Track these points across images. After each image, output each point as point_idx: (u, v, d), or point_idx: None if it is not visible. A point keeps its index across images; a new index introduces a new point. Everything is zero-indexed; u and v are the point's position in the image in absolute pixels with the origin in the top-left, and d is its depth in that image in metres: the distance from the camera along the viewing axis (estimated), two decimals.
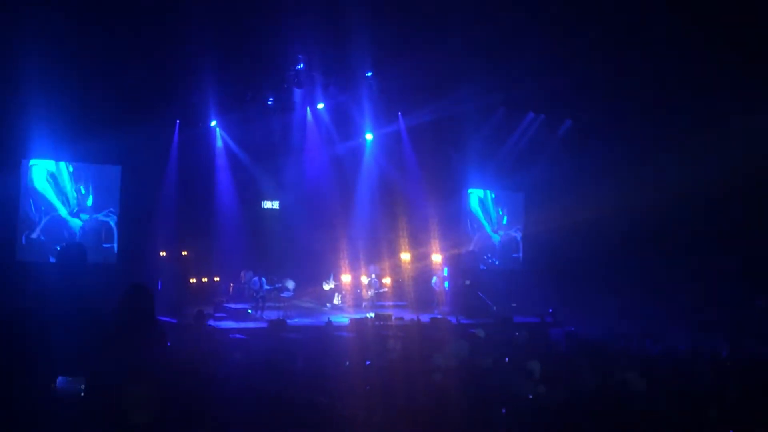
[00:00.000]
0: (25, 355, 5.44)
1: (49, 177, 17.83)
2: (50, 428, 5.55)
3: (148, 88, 17.15)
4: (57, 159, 17.79)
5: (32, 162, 17.62)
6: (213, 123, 19.79)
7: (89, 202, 18.18)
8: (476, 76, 18.76)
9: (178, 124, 18.80)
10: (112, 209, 18.38)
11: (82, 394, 5.62)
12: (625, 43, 16.88)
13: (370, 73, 19.10)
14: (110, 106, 16.74)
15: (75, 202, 18.03)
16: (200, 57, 16.87)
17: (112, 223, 18.34)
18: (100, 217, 18.29)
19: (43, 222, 17.70)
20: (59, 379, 5.69)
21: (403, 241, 21.45)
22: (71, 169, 18.02)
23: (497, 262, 22.79)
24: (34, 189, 17.67)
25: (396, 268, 21.42)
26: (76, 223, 18.07)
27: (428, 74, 18.51)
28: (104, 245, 18.20)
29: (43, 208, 17.74)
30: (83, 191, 18.10)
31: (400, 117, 20.93)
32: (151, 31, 15.91)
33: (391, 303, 20.20)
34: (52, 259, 17.25)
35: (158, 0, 15.55)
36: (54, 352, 5.58)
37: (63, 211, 17.94)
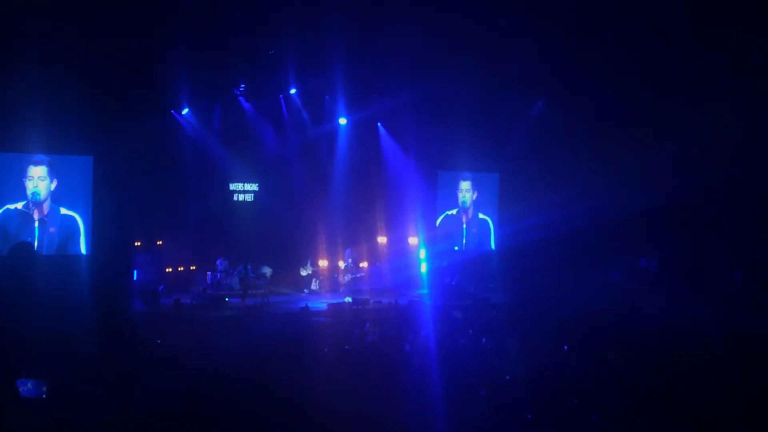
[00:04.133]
0: None
1: (16, 170, 17.53)
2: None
3: (119, 76, 16.96)
4: (27, 152, 17.53)
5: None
6: (185, 111, 19.65)
7: (57, 194, 17.92)
8: (452, 58, 18.76)
9: (150, 113, 18.57)
10: (82, 201, 18.12)
11: (44, 396, 5.56)
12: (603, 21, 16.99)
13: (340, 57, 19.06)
14: (80, 95, 16.52)
15: (42, 194, 17.72)
16: (171, 44, 16.72)
17: (79, 216, 18.09)
18: (68, 209, 18.04)
19: (5, 212, 17.47)
20: (20, 381, 5.61)
21: (380, 225, 21.48)
22: (40, 160, 17.72)
23: (470, 238, 22.83)
24: (2, 181, 17.40)
25: (373, 252, 21.45)
26: (40, 217, 17.79)
27: (402, 58, 18.49)
28: (74, 238, 17.96)
29: (9, 198, 17.49)
30: (52, 183, 17.82)
31: (373, 100, 20.86)
32: (121, 18, 15.71)
33: (368, 287, 20.22)
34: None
35: None
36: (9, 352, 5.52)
37: (27, 204, 17.65)
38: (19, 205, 17.56)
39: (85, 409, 5.64)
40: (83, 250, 18.06)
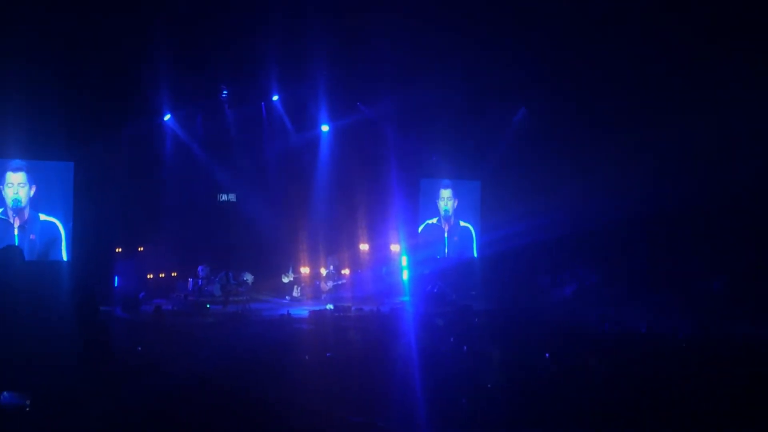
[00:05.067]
0: None
1: None
2: None
3: (101, 82, 16.88)
4: (6, 157, 17.34)
5: None
6: (167, 117, 19.57)
7: (36, 200, 17.70)
8: (433, 66, 18.84)
9: (132, 119, 18.48)
10: (62, 207, 17.94)
11: (28, 408, 5.54)
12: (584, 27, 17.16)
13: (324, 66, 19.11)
14: (61, 101, 16.41)
15: (22, 201, 17.53)
16: (154, 51, 16.67)
17: (61, 222, 17.91)
18: (49, 215, 17.86)
19: None
20: (3, 394, 5.58)
21: (362, 232, 21.48)
22: (19, 167, 17.53)
23: (451, 246, 22.87)
24: None
25: (355, 259, 21.43)
26: (20, 223, 17.53)
27: (384, 65, 18.55)
28: (55, 244, 17.79)
29: None
30: (31, 190, 17.62)
31: (356, 108, 20.92)
32: (103, 24, 15.66)
33: (350, 294, 20.19)
34: None
35: None
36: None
37: (5, 211, 17.38)
38: (9, 213, 17.32)
39: (63, 414, 5.61)
40: (64, 256, 17.89)
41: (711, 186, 18.77)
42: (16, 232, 17.35)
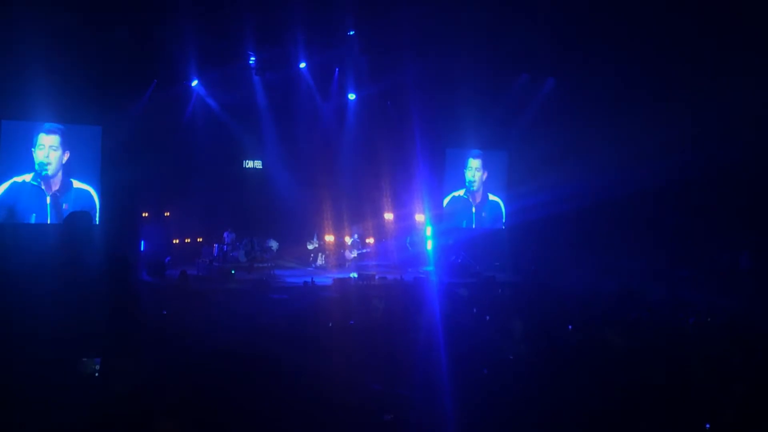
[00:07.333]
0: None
1: (26, 138, 17.35)
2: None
3: (130, 46, 16.90)
4: (34, 119, 17.37)
5: (8, 122, 17.14)
6: (194, 82, 19.58)
7: (69, 167, 17.81)
8: (460, 35, 18.64)
9: (156, 83, 18.49)
10: (92, 170, 18.04)
11: (97, 374, 5.68)
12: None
13: (352, 32, 18.96)
14: (90, 64, 16.44)
15: (53, 165, 17.59)
16: (182, 15, 16.65)
17: (95, 190, 18.03)
18: (83, 182, 17.98)
19: (12, 185, 17.17)
20: (81, 360, 5.71)
21: (386, 202, 21.45)
22: (53, 129, 17.59)
23: (479, 222, 22.75)
24: (9, 151, 17.10)
25: (379, 228, 21.45)
26: (53, 191, 17.59)
27: (411, 33, 18.39)
28: (86, 208, 17.89)
29: (16, 170, 17.19)
30: (64, 156, 17.71)
31: (383, 76, 20.75)
32: None
33: (374, 263, 20.26)
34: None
35: None
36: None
37: (36, 177, 17.40)
38: (27, 177, 17.27)
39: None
40: (97, 221, 17.97)
41: (744, 157, 18.43)
42: (48, 200, 17.39)
